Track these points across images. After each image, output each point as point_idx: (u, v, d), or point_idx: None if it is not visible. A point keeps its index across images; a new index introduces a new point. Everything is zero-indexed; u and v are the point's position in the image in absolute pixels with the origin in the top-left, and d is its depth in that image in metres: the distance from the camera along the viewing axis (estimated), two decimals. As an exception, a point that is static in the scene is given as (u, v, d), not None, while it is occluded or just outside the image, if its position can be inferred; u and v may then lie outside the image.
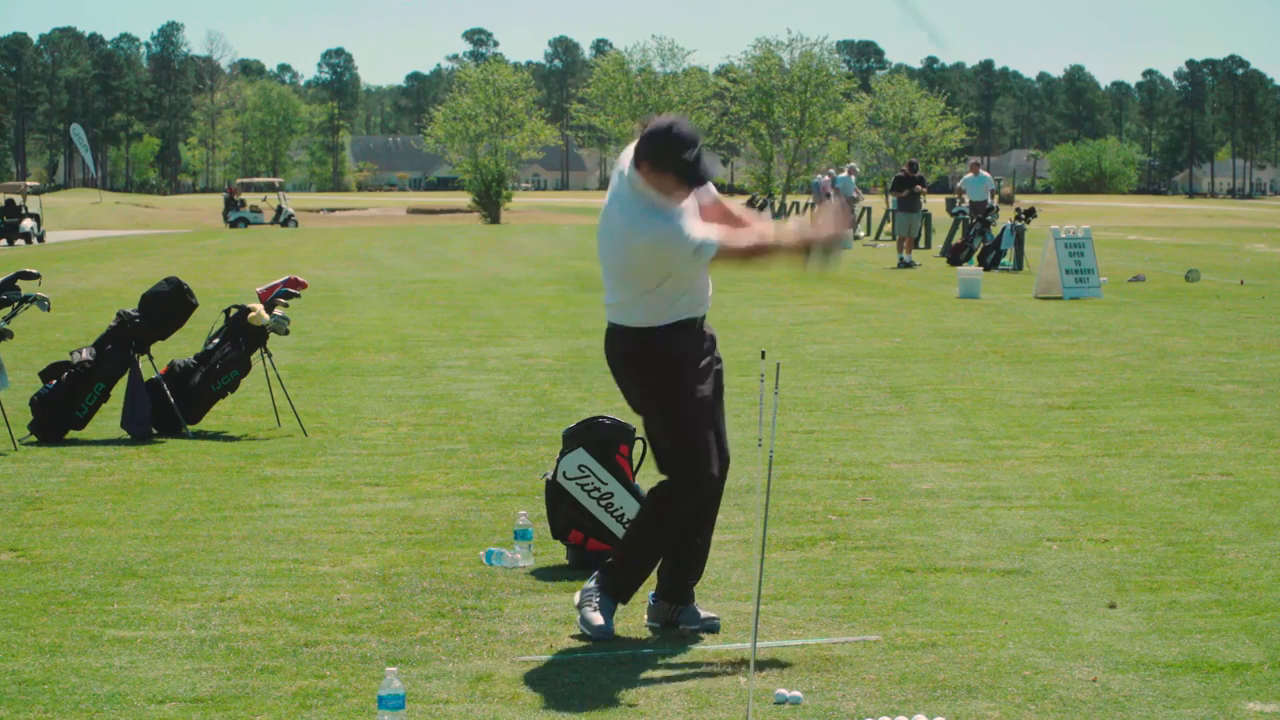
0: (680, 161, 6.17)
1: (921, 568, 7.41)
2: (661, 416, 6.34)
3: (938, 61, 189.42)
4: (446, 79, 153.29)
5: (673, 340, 6.31)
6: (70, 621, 6.52)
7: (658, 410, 6.35)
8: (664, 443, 6.35)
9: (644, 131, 6.25)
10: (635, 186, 6.25)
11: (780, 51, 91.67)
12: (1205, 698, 5.54)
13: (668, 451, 6.34)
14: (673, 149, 6.16)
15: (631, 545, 6.44)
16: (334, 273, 30.73)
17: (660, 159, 6.18)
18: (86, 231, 61.04)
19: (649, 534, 6.39)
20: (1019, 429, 11.41)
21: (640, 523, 6.43)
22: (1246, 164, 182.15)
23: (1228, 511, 8.59)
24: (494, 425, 11.78)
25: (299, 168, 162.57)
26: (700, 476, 6.30)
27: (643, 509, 6.47)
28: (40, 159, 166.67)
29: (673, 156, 6.16)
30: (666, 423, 6.33)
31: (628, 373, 6.42)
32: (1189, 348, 16.49)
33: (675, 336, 6.33)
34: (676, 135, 6.18)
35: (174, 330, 11.91)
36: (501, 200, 77.32)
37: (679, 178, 6.20)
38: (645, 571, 6.46)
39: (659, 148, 6.18)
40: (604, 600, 6.36)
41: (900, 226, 33.25)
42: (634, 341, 6.33)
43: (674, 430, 6.31)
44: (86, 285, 27.10)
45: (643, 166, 6.23)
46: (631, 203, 6.25)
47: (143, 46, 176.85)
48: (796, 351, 16.40)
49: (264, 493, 9.31)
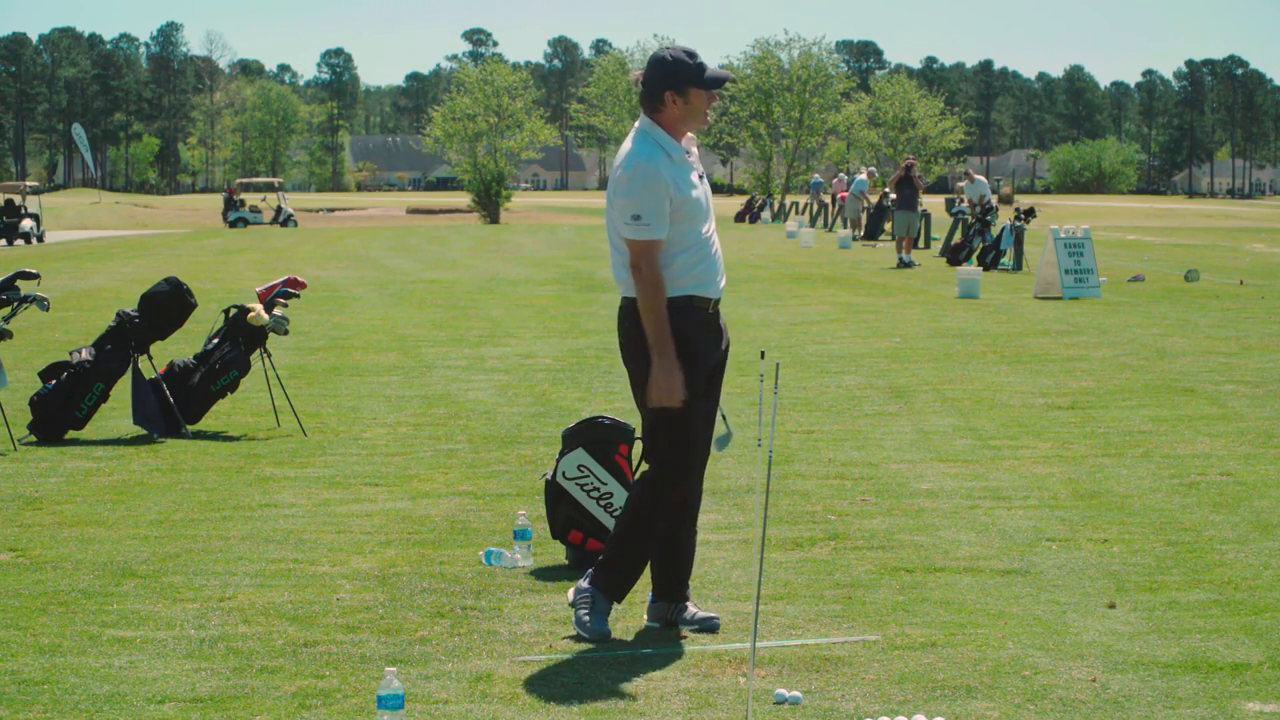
0: (700, 66, 6.23)
1: (921, 568, 7.41)
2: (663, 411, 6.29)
3: (937, 61, 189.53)
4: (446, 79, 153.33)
5: (681, 321, 6.16)
6: (70, 621, 6.52)
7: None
8: (659, 424, 6.23)
9: (653, 66, 6.23)
10: (650, 133, 6.25)
11: (779, 51, 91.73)
12: (1205, 698, 5.55)
13: (661, 435, 6.24)
14: (688, 61, 6.22)
15: (621, 539, 6.36)
16: (333, 273, 30.73)
17: (684, 75, 6.20)
18: (86, 231, 61.06)
19: (639, 525, 6.31)
20: (1018, 429, 11.41)
21: (629, 514, 6.35)
22: (1246, 164, 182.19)
23: (1227, 511, 8.59)
24: (493, 425, 11.78)
25: (298, 168, 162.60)
26: (691, 466, 6.26)
27: (630, 501, 6.37)
28: (40, 159, 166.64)
29: (694, 66, 6.21)
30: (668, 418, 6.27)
31: (632, 349, 6.26)
32: (1188, 348, 16.49)
33: (683, 316, 6.17)
34: (683, 51, 6.26)
35: (173, 330, 11.91)
36: (501, 200, 77.35)
37: (704, 86, 6.23)
38: (638, 567, 6.39)
39: (678, 66, 6.20)
40: (598, 601, 6.34)
41: (900, 226, 33.24)
42: (637, 315, 6.21)
43: (669, 415, 6.20)
44: (86, 285, 27.10)
45: (668, 97, 6.21)
46: (640, 137, 6.27)
47: (142, 46, 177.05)
48: (796, 351, 16.40)
49: (263, 493, 9.31)
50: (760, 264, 32.62)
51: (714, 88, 6.26)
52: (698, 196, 6.24)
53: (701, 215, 6.25)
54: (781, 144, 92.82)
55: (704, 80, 6.23)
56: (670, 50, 6.28)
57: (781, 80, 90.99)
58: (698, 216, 6.23)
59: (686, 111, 6.24)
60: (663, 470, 6.27)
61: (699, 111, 6.25)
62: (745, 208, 71.05)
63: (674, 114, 6.24)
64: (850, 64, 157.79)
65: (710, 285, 6.25)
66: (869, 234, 45.20)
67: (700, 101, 6.23)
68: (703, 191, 6.30)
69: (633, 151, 6.20)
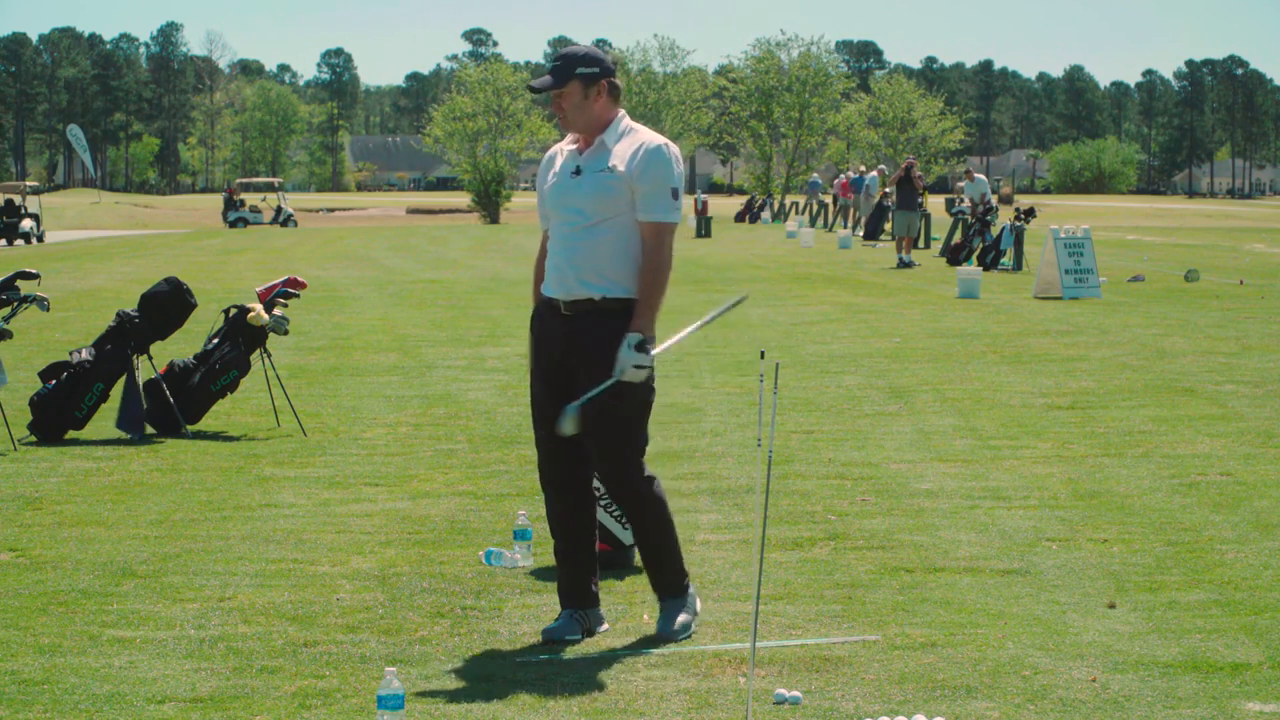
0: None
1: (921, 568, 7.41)
2: (648, 394, 6.29)
3: (937, 61, 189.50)
4: (446, 79, 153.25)
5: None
6: (70, 621, 6.52)
7: (648, 388, 6.28)
8: (638, 411, 6.24)
9: (595, 56, 6.25)
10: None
11: (779, 51, 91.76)
12: (1205, 698, 5.54)
13: (639, 432, 6.27)
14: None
15: (646, 542, 6.37)
16: (333, 273, 30.73)
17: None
18: (86, 231, 61.06)
19: (652, 519, 6.33)
20: (1018, 429, 11.41)
21: (640, 520, 6.34)
22: (1246, 164, 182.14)
23: (1227, 511, 8.59)
24: (493, 425, 11.78)
25: (298, 168, 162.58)
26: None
27: (636, 504, 6.33)
28: (40, 159, 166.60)
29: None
30: (648, 401, 6.29)
31: (606, 351, 6.25)
32: (1188, 348, 16.49)
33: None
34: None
35: (173, 330, 11.91)
36: (501, 200, 77.38)
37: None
38: (676, 552, 6.39)
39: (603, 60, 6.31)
40: (675, 602, 6.33)
41: (900, 226, 33.25)
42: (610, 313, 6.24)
43: (646, 411, 6.29)
44: (86, 285, 27.10)
45: (605, 86, 6.26)
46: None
47: (142, 47, 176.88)
48: (796, 351, 16.40)
49: (263, 493, 9.31)
50: (760, 264, 32.62)
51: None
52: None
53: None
54: (781, 144, 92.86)
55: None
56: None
57: (781, 80, 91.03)
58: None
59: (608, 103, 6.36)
60: (637, 457, 6.27)
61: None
62: (745, 208, 71.08)
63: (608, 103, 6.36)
64: (850, 64, 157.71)
65: (550, 285, 6.37)
66: (869, 234, 45.20)
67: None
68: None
69: (652, 134, 6.29)
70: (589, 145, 6.28)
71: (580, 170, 6.25)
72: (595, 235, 6.18)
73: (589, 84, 6.22)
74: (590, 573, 6.37)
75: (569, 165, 6.30)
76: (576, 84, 6.21)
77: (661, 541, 6.36)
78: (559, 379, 6.26)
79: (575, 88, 6.21)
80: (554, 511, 6.40)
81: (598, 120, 6.26)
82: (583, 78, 6.21)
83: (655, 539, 6.36)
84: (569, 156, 6.33)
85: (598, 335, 6.17)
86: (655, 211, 6.18)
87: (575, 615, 6.31)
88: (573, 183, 6.24)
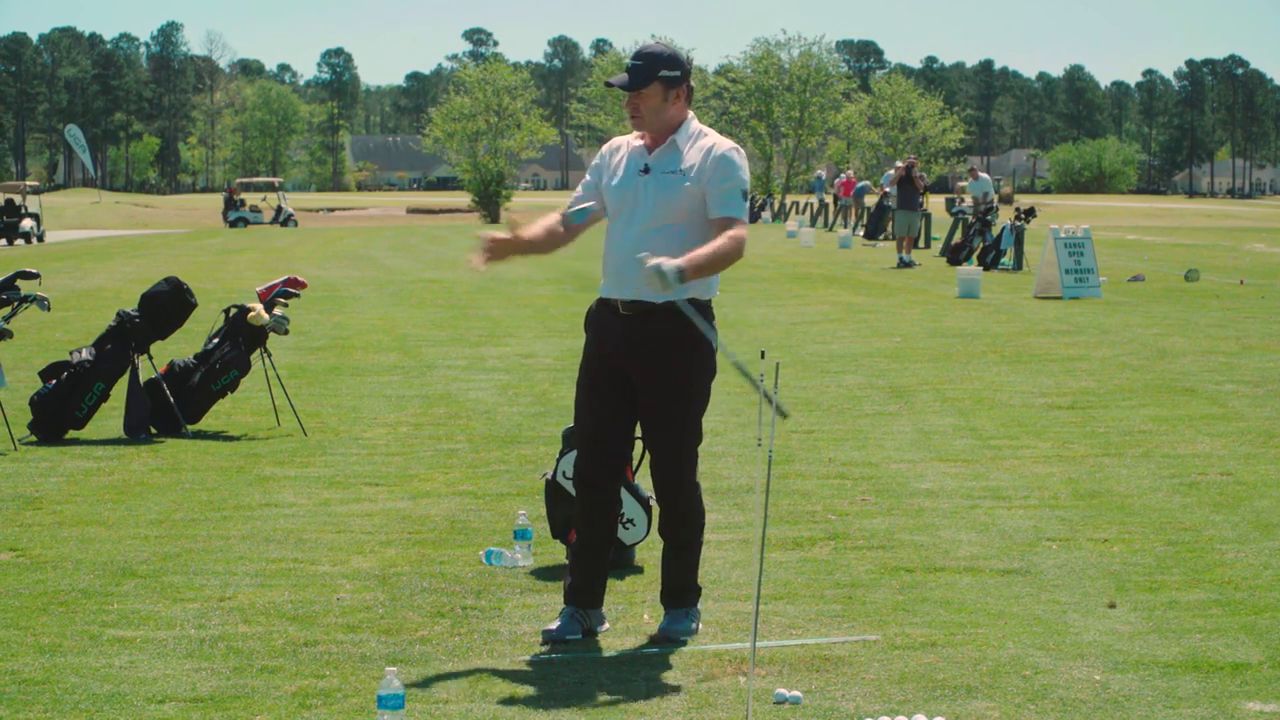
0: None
1: (921, 567, 7.41)
2: (703, 398, 6.30)
3: (937, 61, 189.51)
4: (446, 79, 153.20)
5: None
6: (70, 621, 6.52)
7: (705, 392, 6.30)
8: (696, 408, 6.25)
9: (678, 59, 6.19)
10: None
11: (779, 51, 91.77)
12: (1205, 697, 5.55)
13: (693, 421, 6.28)
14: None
15: (681, 532, 6.40)
16: (333, 272, 30.73)
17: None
18: (86, 231, 61.05)
19: (697, 517, 6.39)
20: (1019, 429, 11.41)
21: (685, 511, 6.36)
22: (1246, 164, 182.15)
23: (1227, 511, 8.59)
24: (493, 425, 11.78)
25: (299, 168, 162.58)
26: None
27: (682, 498, 6.34)
28: (40, 159, 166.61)
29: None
30: (702, 407, 6.31)
31: (685, 349, 6.25)
32: (1188, 347, 16.49)
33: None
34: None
35: (173, 330, 11.92)
36: (501, 200, 77.37)
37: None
38: (696, 560, 6.44)
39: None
40: (682, 611, 6.37)
41: (900, 226, 33.25)
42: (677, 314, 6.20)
43: (703, 397, 6.30)
44: (86, 285, 27.10)
45: (686, 90, 6.23)
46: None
47: (142, 46, 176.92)
48: (796, 351, 16.40)
49: (264, 492, 9.31)
50: (760, 264, 32.61)
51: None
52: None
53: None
54: (781, 144, 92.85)
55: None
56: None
57: (781, 80, 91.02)
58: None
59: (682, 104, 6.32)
60: (695, 450, 6.31)
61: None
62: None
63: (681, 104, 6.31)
64: (850, 64, 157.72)
65: (611, 287, 6.35)
66: (869, 234, 45.19)
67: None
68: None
69: (721, 138, 6.26)
70: (658, 144, 6.22)
71: (649, 169, 6.19)
72: (660, 240, 6.10)
73: (670, 86, 6.15)
74: (601, 575, 6.39)
75: (636, 163, 6.22)
76: (658, 85, 6.14)
77: (690, 539, 6.38)
78: (612, 378, 6.25)
79: (656, 89, 6.14)
80: (583, 508, 6.39)
81: (671, 122, 6.20)
82: (665, 80, 6.14)
83: (685, 536, 6.38)
84: (636, 152, 6.24)
85: (654, 335, 6.16)
86: (728, 208, 6.13)
87: (576, 614, 6.31)
88: (640, 181, 6.18)
